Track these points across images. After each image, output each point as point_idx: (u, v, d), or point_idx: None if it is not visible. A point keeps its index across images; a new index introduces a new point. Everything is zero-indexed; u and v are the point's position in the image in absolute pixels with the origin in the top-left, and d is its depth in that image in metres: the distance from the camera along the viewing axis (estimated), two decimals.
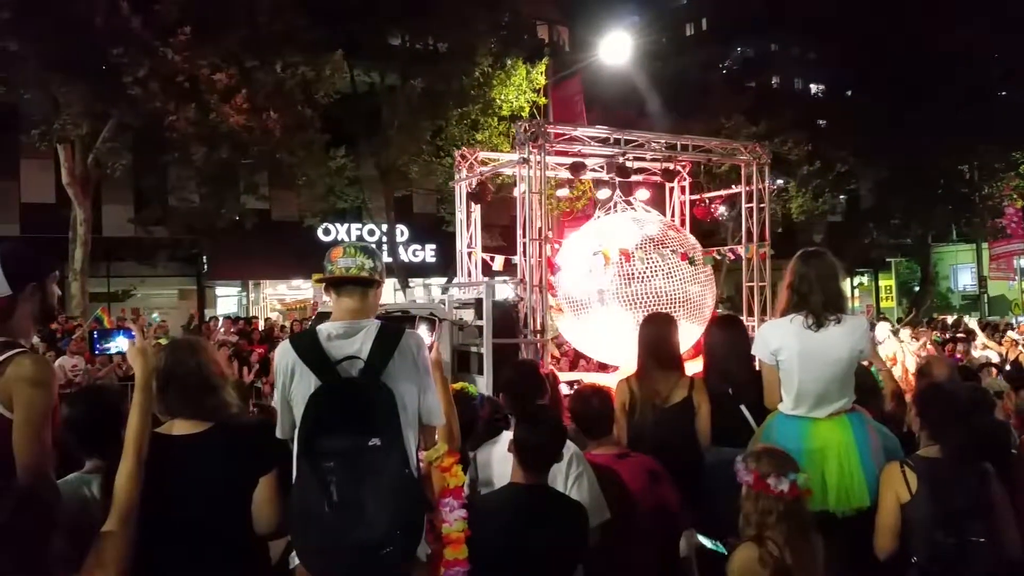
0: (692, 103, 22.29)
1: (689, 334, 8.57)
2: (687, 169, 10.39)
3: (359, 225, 22.17)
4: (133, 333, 2.54)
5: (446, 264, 22.42)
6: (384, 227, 20.72)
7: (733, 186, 10.72)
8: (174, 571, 2.38)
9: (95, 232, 16.77)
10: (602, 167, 9.69)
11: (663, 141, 9.65)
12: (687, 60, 24.69)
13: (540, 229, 8.23)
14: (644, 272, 8.05)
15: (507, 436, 3.30)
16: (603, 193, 9.48)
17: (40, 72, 12.53)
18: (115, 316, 14.26)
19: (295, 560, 2.53)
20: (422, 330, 6.31)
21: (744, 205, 9.90)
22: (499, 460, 3.21)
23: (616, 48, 17.07)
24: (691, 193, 10.57)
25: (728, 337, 4.27)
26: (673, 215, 10.41)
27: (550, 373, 3.42)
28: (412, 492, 2.49)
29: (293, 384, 2.59)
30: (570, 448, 3.18)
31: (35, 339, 6.39)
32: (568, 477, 3.14)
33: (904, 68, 23.87)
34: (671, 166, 9.92)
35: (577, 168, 9.06)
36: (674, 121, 24.43)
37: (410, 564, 2.52)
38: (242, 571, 2.51)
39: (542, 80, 18.08)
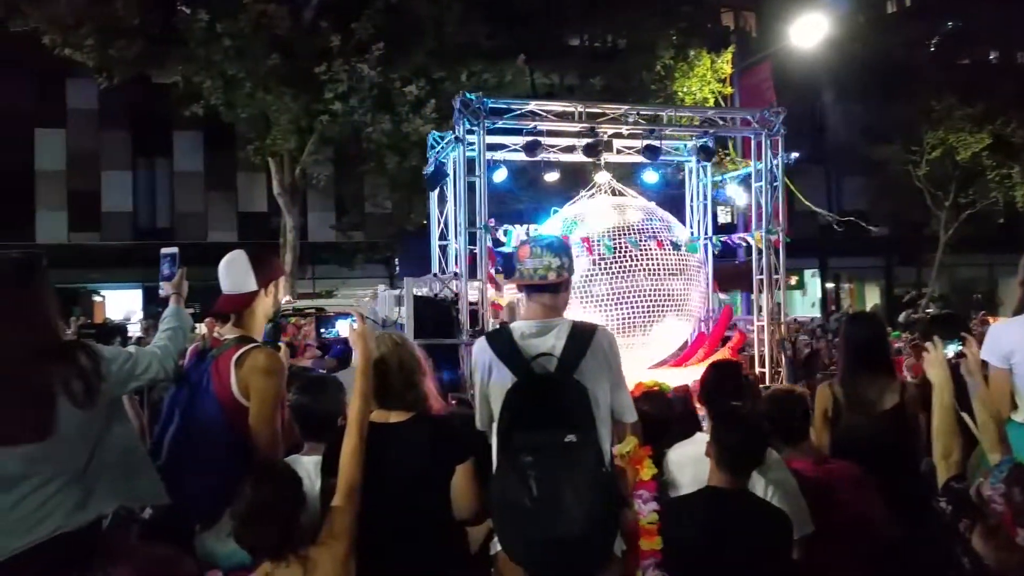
0: (896, 85, 20.64)
1: (674, 333, 7.52)
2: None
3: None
4: (355, 318, 2.73)
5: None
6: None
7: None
8: (389, 547, 2.52)
9: (302, 238, 18.21)
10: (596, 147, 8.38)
11: (636, 113, 8.23)
12: (889, 39, 22.85)
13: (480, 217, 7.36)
14: (613, 265, 7.04)
15: (702, 437, 3.19)
16: (602, 177, 8.32)
17: (255, 93, 13.79)
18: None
19: (496, 546, 2.61)
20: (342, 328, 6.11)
21: (754, 184, 8.56)
22: (694, 462, 3.11)
23: (808, 31, 16.11)
24: (712, 175, 9.21)
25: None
26: (693, 199, 9.15)
27: None
28: (608, 488, 2.50)
29: (491, 379, 2.67)
30: (771, 454, 3.02)
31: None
32: (769, 484, 2.98)
33: None
34: (708, 144, 8.54)
35: (531, 148, 7.91)
36: (873, 105, 22.79)
37: (607, 559, 2.53)
38: (444, 551, 2.62)
39: (728, 69, 17.43)
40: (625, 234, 7.14)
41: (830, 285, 28.99)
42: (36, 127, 21.64)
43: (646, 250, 7.12)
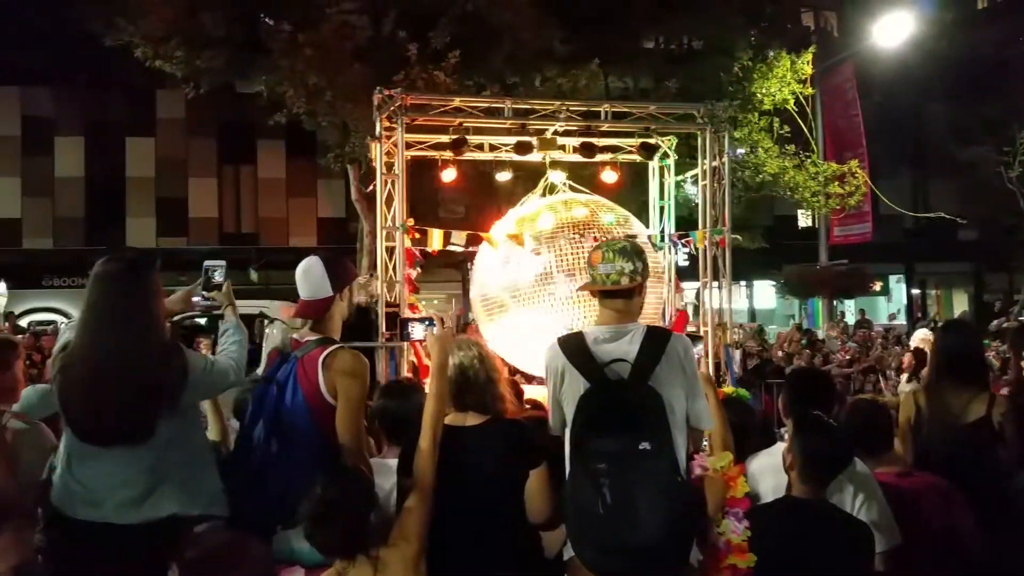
0: (986, 83, 19.74)
1: None
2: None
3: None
4: (434, 322, 2.78)
5: (692, 266, 21.93)
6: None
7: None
8: (461, 548, 2.56)
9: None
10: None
11: (566, 109, 7.67)
12: (978, 36, 21.89)
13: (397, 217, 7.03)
14: (547, 263, 6.47)
15: (780, 447, 3.14)
16: (557, 176, 7.79)
17: (335, 101, 14.14)
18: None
19: (569, 552, 2.60)
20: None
21: (700, 182, 8.02)
22: (774, 471, 3.05)
23: (892, 29, 15.59)
24: (676, 173, 8.65)
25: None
26: (662, 197, 8.68)
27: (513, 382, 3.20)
28: (683, 497, 2.47)
29: (563, 385, 2.68)
30: (856, 464, 2.95)
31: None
32: (856, 495, 2.91)
33: None
34: (652, 140, 7.95)
35: (457, 144, 7.41)
36: (962, 105, 21.84)
37: (682, 569, 2.51)
38: (516, 555, 2.64)
39: (808, 70, 16.98)
40: (569, 232, 6.65)
41: (916, 291, 27.89)
42: (127, 136, 22.65)
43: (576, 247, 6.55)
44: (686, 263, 23.60)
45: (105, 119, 22.11)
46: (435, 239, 7.40)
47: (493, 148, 8.10)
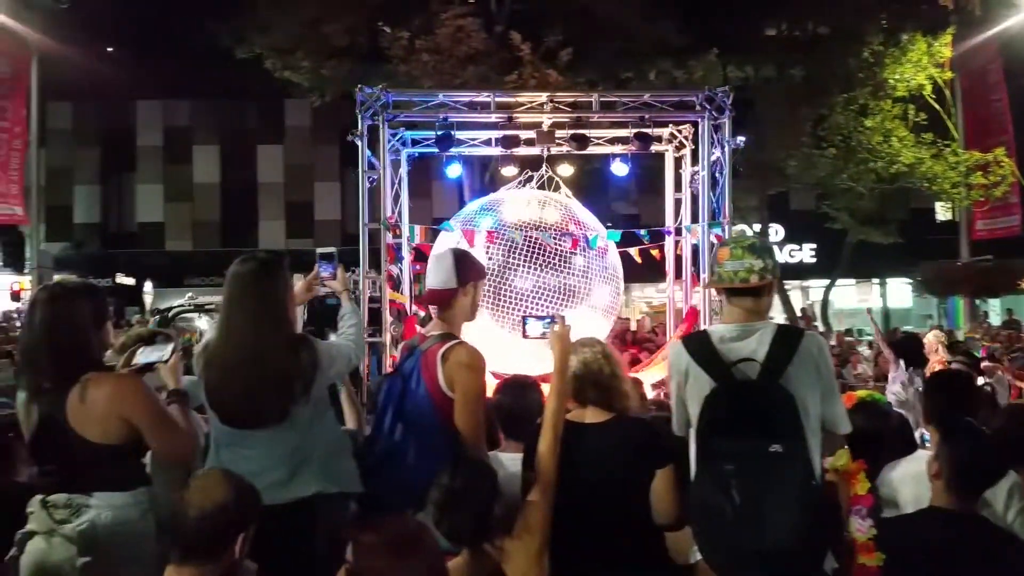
0: None
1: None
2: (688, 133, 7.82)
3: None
4: (555, 320, 2.78)
5: (829, 264, 21.03)
6: (756, 227, 20.04)
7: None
8: (584, 545, 2.54)
9: None
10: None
11: (551, 101, 7.44)
12: None
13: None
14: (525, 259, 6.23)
15: (923, 455, 2.92)
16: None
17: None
18: None
19: (696, 555, 2.55)
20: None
21: (701, 173, 7.46)
22: (915, 480, 2.84)
23: None
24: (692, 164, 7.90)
25: None
26: (678, 189, 8.10)
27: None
28: (816, 502, 2.35)
29: (688, 384, 2.60)
30: (1010, 476, 2.71)
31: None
32: (1007, 508, 2.67)
33: None
34: (650, 129, 7.53)
35: (443, 141, 7.45)
36: None
37: None
38: (640, 554, 2.60)
39: (947, 53, 15.90)
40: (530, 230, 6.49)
41: None
42: (258, 144, 24.03)
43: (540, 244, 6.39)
44: (813, 259, 22.64)
45: (238, 128, 23.60)
46: (415, 234, 7.72)
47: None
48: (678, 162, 8.36)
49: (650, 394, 4.30)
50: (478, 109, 7.60)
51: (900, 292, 24.04)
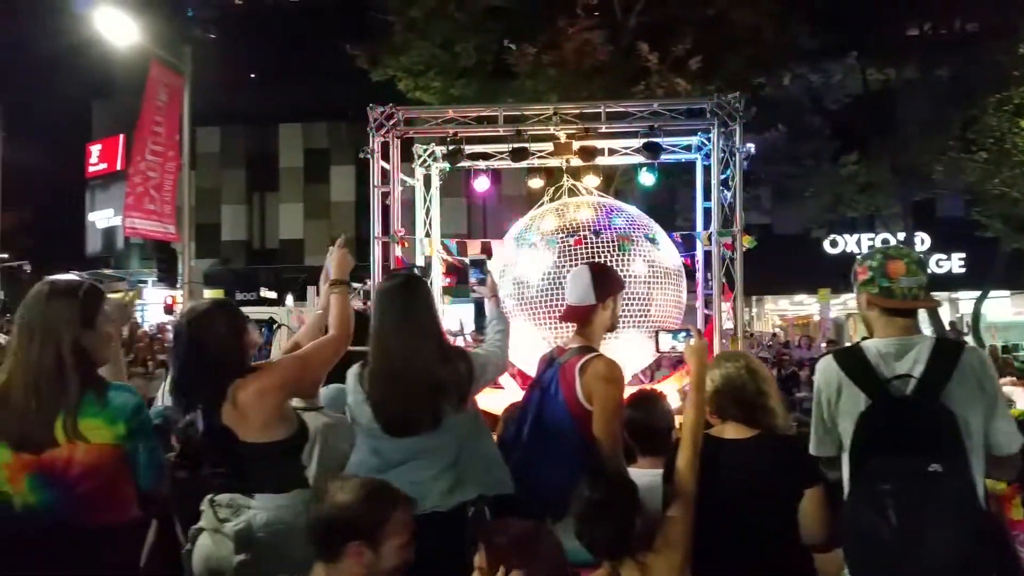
0: None
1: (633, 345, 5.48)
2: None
3: (871, 235, 20.73)
4: (690, 333, 2.77)
5: (980, 274, 19.60)
6: (900, 235, 18.96)
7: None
8: (728, 562, 2.49)
9: None
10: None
11: (554, 114, 7.28)
12: None
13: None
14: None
15: None
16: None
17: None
18: None
19: None
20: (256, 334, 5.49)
21: (713, 180, 7.17)
22: None
23: None
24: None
25: None
26: (707, 198, 7.58)
27: None
28: (980, 525, 2.22)
29: (840, 402, 2.50)
30: None
31: None
32: None
33: None
34: (657, 140, 7.28)
35: (452, 156, 7.57)
36: None
37: None
38: (786, 573, 2.54)
39: None
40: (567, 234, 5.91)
41: None
42: None
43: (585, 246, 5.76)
44: (962, 269, 21.27)
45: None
46: (426, 247, 7.83)
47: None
48: (707, 170, 8.12)
49: (676, 402, 4.14)
50: (485, 124, 7.80)
51: None
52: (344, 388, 2.90)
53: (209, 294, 18.87)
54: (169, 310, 19.21)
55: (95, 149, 30.89)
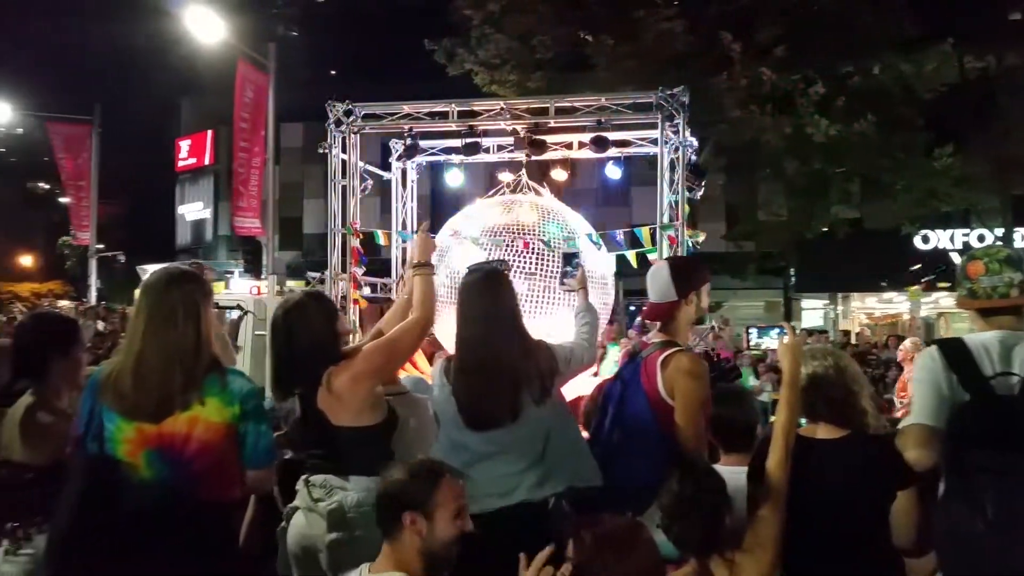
0: None
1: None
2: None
3: (965, 231, 19.78)
4: (784, 330, 2.69)
5: None
6: (998, 231, 18.01)
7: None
8: (818, 564, 2.44)
9: None
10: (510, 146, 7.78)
11: (502, 110, 7.45)
12: None
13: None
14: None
15: None
16: (505, 176, 7.36)
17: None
18: None
19: None
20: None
21: (659, 173, 7.24)
22: None
23: None
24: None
25: None
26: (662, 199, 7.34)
27: None
28: None
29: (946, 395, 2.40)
30: None
31: None
32: None
33: None
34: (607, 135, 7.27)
35: (410, 151, 7.97)
36: None
37: None
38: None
39: None
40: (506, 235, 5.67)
41: None
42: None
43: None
44: None
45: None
46: (379, 238, 8.22)
47: (500, 148, 8.19)
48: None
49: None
50: (437, 119, 7.94)
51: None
52: (420, 379, 2.94)
53: (292, 285, 19.41)
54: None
55: (184, 144, 32.25)
